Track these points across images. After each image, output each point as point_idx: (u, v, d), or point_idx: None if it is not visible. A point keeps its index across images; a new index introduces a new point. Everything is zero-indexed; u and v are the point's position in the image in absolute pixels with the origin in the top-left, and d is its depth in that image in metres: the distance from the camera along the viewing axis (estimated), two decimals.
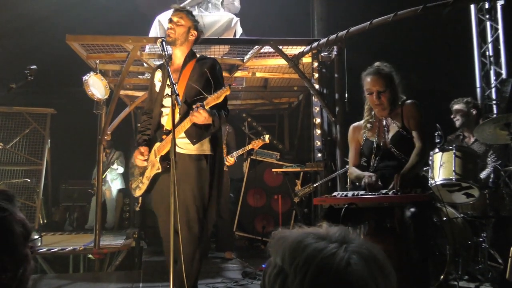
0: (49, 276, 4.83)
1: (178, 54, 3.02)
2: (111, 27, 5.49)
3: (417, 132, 2.76)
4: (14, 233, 1.19)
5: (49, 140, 6.93)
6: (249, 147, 5.01)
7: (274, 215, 5.87)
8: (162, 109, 2.99)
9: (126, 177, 7.47)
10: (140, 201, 6.18)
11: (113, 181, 7.59)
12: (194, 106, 2.65)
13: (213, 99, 2.69)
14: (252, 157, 6.10)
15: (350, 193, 2.69)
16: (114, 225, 7.53)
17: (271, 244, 0.87)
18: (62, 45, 4.71)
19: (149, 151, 2.98)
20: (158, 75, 3.07)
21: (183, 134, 2.84)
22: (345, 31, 4.23)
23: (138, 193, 3.10)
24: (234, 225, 5.93)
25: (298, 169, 5.24)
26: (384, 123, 2.89)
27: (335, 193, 2.80)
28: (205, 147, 2.95)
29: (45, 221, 7.24)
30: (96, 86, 4.58)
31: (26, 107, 6.77)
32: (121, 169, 7.50)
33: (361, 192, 2.64)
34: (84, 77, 4.53)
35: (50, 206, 7.79)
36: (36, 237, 5.06)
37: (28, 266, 1.23)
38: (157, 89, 3.05)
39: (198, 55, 3.13)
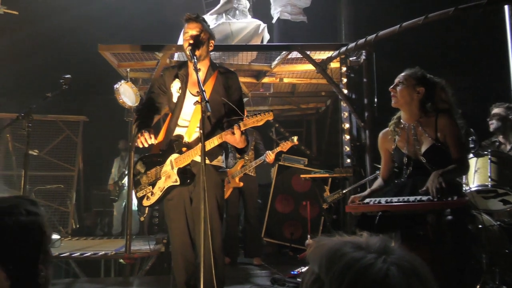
0: (82, 280, 4.92)
1: (199, 66, 2.88)
2: (141, 36, 5.61)
3: (455, 147, 2.60)
4: (46, 234, 1.25)
5: (81, 147, 7.12)
6: (278, 149, 4.99)
7: (302, 222, 5.82)
8: (180, 121, 2.93)
9: None
10: (147, 211, 6.17)
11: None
12: (231, 127, 2.60)
13: (253, 121, 2.63)
14: (280, 162, 6.08)
15: (383, 200, 2.62)
16: (139, 231, 7.60)
17: (310, 251, 0.86)
18: (94, 54, 4.84)
19: (164, 161, 2.90)
20: (177, 85, 2.98)
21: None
22: (374, 35, 4.18)
23: (147, 203, 2.96)
24: (262, 231, 5.91)
25: (327, 175, 5.19)
26: (413, 131, 2.74)
27: (367, 200, 2.74)
28: (223, 158, 2.98)
29: (77, 225, 7.40)
30: (127, 94, 4.67)
31: (60, 115, 6.98)
32: None
33: (395, 199, 2.58)
34: (115, 85, 4.63)
35: (82, 211, 7.97)
36: (58, 237, 5.19)
37: (49, 268, 1.28)
38: (175, 99, 2.97)
39: (216, 64, 3.08)
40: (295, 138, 4.91)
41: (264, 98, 6.66)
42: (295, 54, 4.90)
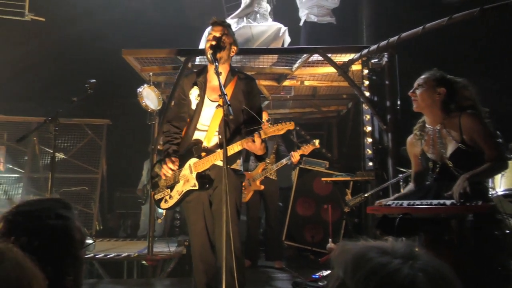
0: (105, 281, 5.00)
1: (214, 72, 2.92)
2: (163, 40, 5.68)
3: (486, 143, 2.47)
4: (74, 238, 1.26)
5: (105, 149, 7.24)
6: (300, 152, 4.98)
7: (323, 225, 5.78)
8: (198, 126, 2.97)
9: None
10: (164, 214, 6.23)
11: None
12: (251, 135, 2.63)
13: (273, 130, 2.66)
14: (301, 166, 6.06)
15: (405, 203, 2.59)
16: (163, 233, 7.69)
17: (334, 256, 0.86)
18: (118, 59, 4.92)
19: (182, 165, 2.94)
20: (196, 92, 3.00)
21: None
22: (396, 36, 4.13)
23: (164, 206, 3.00)
24: (283, 234, 5.90)
25: (348, 178, 5.15)
26: (438, 134, 2.65)
27: (389, 202, 2.71)
28: (240, 162, 3.02)
29: (101, 227, 7.52)
30: (150, 98, 4.74)
31: (84, 119, 7.13)
32: None
33: (417, 202, 2.54)
34: (138, 89, 4.70)
35: (106, 213, 8.10)
36: (91, 241, 5.28)
37: (83, 270, 1.29)
38: (194, 106, 2.99)
39: (236, 70, 3.11)
40: (317, 142, 4.88)
41: (285, 101, 6.65)
42: (316, 57, 4.88)
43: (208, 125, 2.94)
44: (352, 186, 5.56)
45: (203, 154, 2.88)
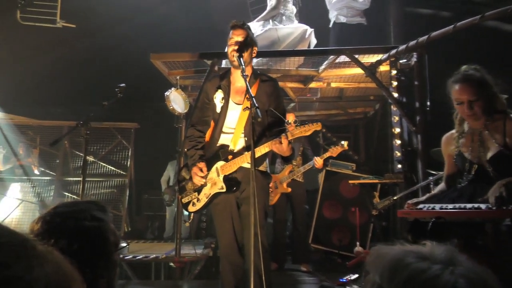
0: (134, 282, 5.08)
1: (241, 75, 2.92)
2: (190, 44, 5.75)
3: None
4: (109, 240, 1.27)
5: (133, 153, 7.37)
6: (327, 154, 4.93)
7: (351, 228, 5.71)
8: (224, 129, 2.98)
9: None
10: (192, 217, 6.26)
11: None
12: (281, 136, 2.62)
13: (300, 131, 2.66)
14: (327, 168, 6.00)
15: (437, 206, 2.52)
16: (189, 235, 7.75)
17: (370, 260, 0.84)
18: (145, 63, 5.00)
19: (209, 168, 2.96)
20: (220, 95, 3.02)
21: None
22: (426, 36, 4.05)
23: (192, 209, 3.02)
24: (310, 237, 5.85)
25: (376, 181, 5.07)
26: (479, 135, 2.52)
27: (421, 205, 2.64)
28: (266, 164, 3.02)
29: (129, 229, 7.64)
30: (177, 101, 4.79)
31: (113, 122, 7.27)
32: None
33: (450, 206, 2.47)
34: (166, 93, 4.76)
35: (134, 215, 8.23)
36: (124, 244, 5.36)
37: (117, 272, 1.31)
38: (218, 109, 3.01)
39: (258, 72, 3.11)
40: (345, 143, 4.82)
41: (311, 103, 6.61)
42: (343, 58, 4.84)
43: (233, 128, 2.95)
44: (380, 189, 5.47)
45: (229, 157, 2.90)
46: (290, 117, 2.69)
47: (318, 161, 4.90)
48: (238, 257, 2.97)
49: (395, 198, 4.60)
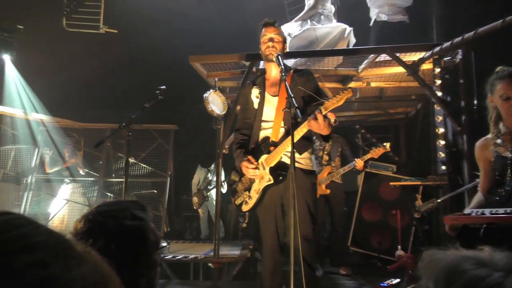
0: (174, 282, 5.15)
1: (275, 69, 3.06)
2: (228, 46, 5.78)
3: None
4: (149, 240, 1.28)
5: (172, 154, 7.49)
6: (368, 155, 4.83)
7: (391, 231, 5.56)
8: (262, 123, 3.02)
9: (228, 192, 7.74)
10: (247, 217, 6.28)
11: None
12: (316, 113, 2.61)
13: (333, 102, 2.62)
14: (367, 169, 5.88)
15: (487, 211, 2.39)
16: (224, 235, 7.77)
17: (422, 265, 0.79)
18: (184, 65, 5.07)
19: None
20: (255, 91, 3.10)
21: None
22: (472, 32, 3.88)
23: (245, 208, 3.05)
24: (349, 239, 5.75)
25: (419, 183, 4.90)
26: None
27: (468, 211, 2.52)
28: (311, 162, 3.00)
29: (168, 229, 7.77)
30: (216, 103, 4.83)
31: (152, 124, 7.42)
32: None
33: (501, 210, 2.34)
34: (204, 95, 4.81)
35: (173, 216, 8.36)
36: (165, 244, 5.45)
37: (157, 272, 1.31)
38: (255, 105, 3.07)
39: (288, 66, 3.18)
40: (388, 145, 4.71)
41: (350, 103, 6.49)
42: (383, 57, 4.72)
43: (272, 120, 2.98)
44: (422, 191, 5.30)
45: (271, 148, 2.92)
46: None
47: (358, 163, 4.81)
48: (279, 256, 2.99)
49: (438, 200, 4.43)
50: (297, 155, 2.87)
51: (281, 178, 2.87)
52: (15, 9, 7.59)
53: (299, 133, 2.73)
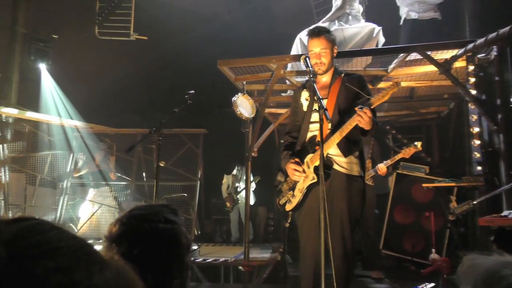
0: (205, 284, 5.19)
1: (326, 76, 3.07)
2: (255, 49, 5.80)
3: None
4: (181, 243, 1.29)
5: (202, 158, 7.56)
6: (399, 156, 4.74)
7: (424, 234, 5.42)
8: (311, 125, 3.02)
9: (256, 193, 7.76)
10: (290, 217, 6.26)
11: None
12: (357, 108, 2.60)
13: (379, 98, 2.64)
14: (398, 171, 5.76)
15: None
16: (252, 238, 7.78)
17: (461, 270, 0.77)
18: (213, 70, 5.12)
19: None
20: (305, 94, 3.11)
21: (338, 152, 2.84)
22: (508, 27, 3.74)
23: (289, 207, 3.06)
24: (381, 242, 5.64)
25: (453, 184, 4.77)
26: None
27: (505, 212, 2.44)
28: (358, 167, 2.96)
29: (199, 232, 7.84)
30: (244, 106, 4.85)
31: (182, 129, 7.52)
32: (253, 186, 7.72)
33: None
34: (233, 98, 4.83)
35: (203, 219, 8.44)
36: (196, 247, 5.51)
37: (189, 274, 1.32)
38: (304, 108, 3.09)
39: (339, 69, 3.16)
40: (419, 144, 4.60)
41: (380, 104, 6.37)
42: (414, 56, 4.62)
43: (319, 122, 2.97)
44: (457, 193, 5.15)
45: (317, 147, 2.92)
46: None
47: (381, 169, 4.74)
48: (319, 261, 2.95)
49: (475, 202, 4.29)
50: (341, 158, 2.87)
51: (325, 176, 2.86)
52: (50, 20, 7.87)
53: (346, 128, 2.75)
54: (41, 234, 0.53)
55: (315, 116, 2.95)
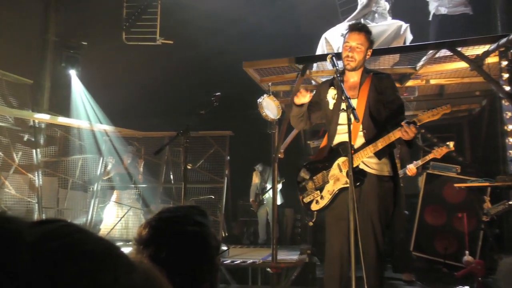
0: (233, 286, 5.20)
1: (355, 75, 3.00)
2: (281, 50, 5.80)
3: None
4: (210, 245, 1.29)
5: (228, 160, 7.60)
6: (431, 156, 4.63)
7: (457, 235, 5.27)
8: (339, 127, 2.96)
9: (283, 194, 7.73)
10: (315, 216, 6.21)
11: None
12: (403, 123, 2.56)
13: (428, 116, 2.60)
14: (428, 171, 5.63)
15: None
16: (280, 239, 7.74)
17: (501, 274, 0.74)
18: (238, 72, 5.14)
19: (330, 166, 2.95)
20: (332, 92, 3.02)
21: (371, 155, 2.80)
22: None
23: (315, 207, 3.01)
24: (411, 244, 5.52)
25: (487, 184, 4.61)
26: None
27: None
28: (388, 168, 2.90)
29: (226, 234, 7.87)
30: (270, 107, 4.83)
31: (208, 131, 7.58)
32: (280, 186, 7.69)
33: None
34: (258, 100, 4.82)
35: (230, 221, 8.47)
36: (225, 248, 5.53)
37: (218, 276, 1.31)
38: (331, 106, 3.02)
39: (369, 68, 3.11)
40: (451, 144, 4.49)
41: (408, 102, 6.25)
42: (443, 52, 4.50)
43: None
44: (491, 193, 4.99)
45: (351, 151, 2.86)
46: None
47: (410, 170, 4.65)
48: (347, 264, 2.89)
49: (510, 202, 4.15)
50: (372, 159, 2.83)
51: (358, 183, 2.81)
52: (79, 28, 8.08)
53: (387, 140, 2.71)
54: (66, 237, 0.53)
55: (343, 118, 2.89)
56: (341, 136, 2.94)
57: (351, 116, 2.43)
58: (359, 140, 2.87)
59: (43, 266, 0.48)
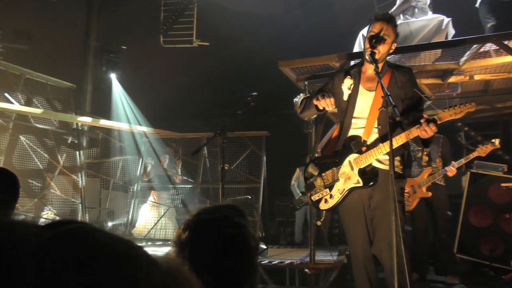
0: (270, 287, 5.19)
1: (374, 65, 2.81)
2: (317, 49, 5.72)
3: None
4: (250, 246, 1.28)
5: (265, 160, 7.60)
6: (475, 154, 4.45)
7: (504, 237, 5.05)
8: (354, 120, 2.81)
9: None
10: (324, 216, 6.11)
11: None
12: (423, 121, 2.44)
13: (450, 114, 2.46)
14: (472, 170, 5.41)
15: None
16: (317, 240, 7.64)
17: None
18: (274, 71, 5.12)
19: (341, 162, 2.81)
20: (348, 82, 2.85)
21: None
22: None
23: (325, 206, 2.85)
24: (455, 246, 5.32)
25: None
26: None
27: None
28: (401, 165, 2.77)
29: (263, 234, 7.87)
30: None
31: (245, 132, 7.60)
32: None
33: None
34: (294, 99, 4.78)
35: (267, 221, 8.47)
36: (264, 247, 5.52)
37: (258, 276, 1.30)
38: (345, 97, 2.85)
39: (390, 62, 2.96)
40: (497, 141, 4.30)
41: (450, 99, 6.02)
42: (489, 46, 4.30)
43: (365, 118, 2.78)
44: None
45: (363, 148, 2.73)
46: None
47: (450, 172, 4.49)
48: (372, 265, 2.81)
49: None
50: (384, 156, 2.70)
51: (372, 183, 2.69)
52: (118, 32, 8.32)
53: (403, 138, 2.57)
54: (79, 240, 0.50)
55: (359, 110, 2.78)
56: (355, 131, 2.80)
57: (390, 112, 2.32)
58: (373, 136, 2.74)
59: (46, 276, 0.45)
